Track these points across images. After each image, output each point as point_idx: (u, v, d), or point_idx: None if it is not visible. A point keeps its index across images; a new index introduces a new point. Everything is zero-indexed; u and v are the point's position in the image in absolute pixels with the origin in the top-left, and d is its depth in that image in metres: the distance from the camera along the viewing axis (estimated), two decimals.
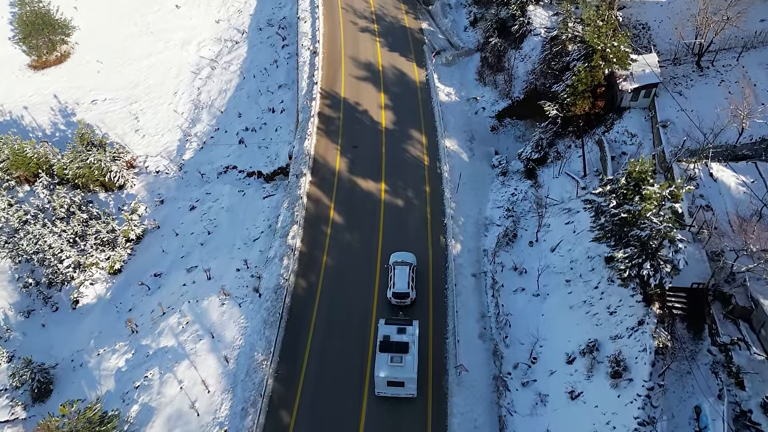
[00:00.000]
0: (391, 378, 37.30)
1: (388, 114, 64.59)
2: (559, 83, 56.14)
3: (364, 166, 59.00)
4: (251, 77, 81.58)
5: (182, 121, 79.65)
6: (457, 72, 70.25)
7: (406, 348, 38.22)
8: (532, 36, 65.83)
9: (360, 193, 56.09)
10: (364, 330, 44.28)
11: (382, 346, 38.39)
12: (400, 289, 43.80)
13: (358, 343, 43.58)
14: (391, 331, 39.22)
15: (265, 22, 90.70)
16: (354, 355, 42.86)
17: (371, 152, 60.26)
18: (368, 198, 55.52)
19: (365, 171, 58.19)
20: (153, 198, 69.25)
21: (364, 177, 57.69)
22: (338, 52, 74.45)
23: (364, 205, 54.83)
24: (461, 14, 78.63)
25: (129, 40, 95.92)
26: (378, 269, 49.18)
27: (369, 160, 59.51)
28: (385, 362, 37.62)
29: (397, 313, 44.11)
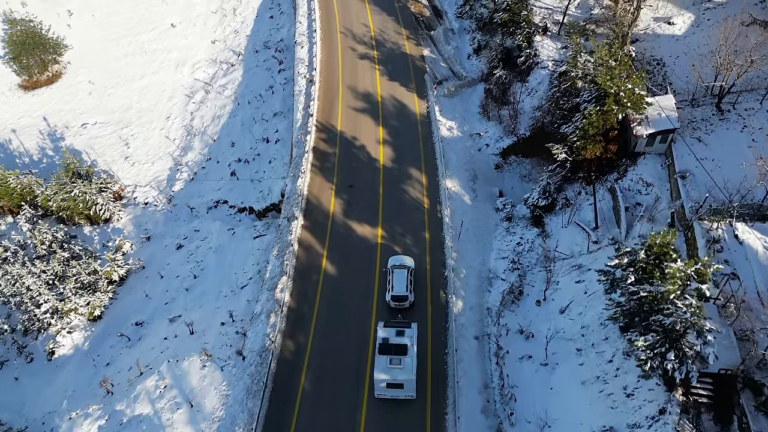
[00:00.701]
0: (390, 380, 36.87)
1: (387, 150, 60.16)
2: (568, 124, 51.64)
3: (360, 208, 54.60)
4: (246, 103, 77.27)
5: (174, 148, 75.39)
6: (460, 104, 65.77)
7: (405, 350, 37.70)
8: (539, 69, 61.34)
9: (355, 240, 51.67)
10: (355, 401, 39.84)
11: (381, 349, 37.90)
12: (398, 292, 43.23)
13: (347, 418, 39.13)
14: (390, 333, 38.75)
15: (261, 44, 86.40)
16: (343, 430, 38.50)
17: (368, 193, 55.82)
18: (364, 245, 51.11)
19: (361, 214, 53.78)
20: (139, 233, 64.96)
21: (360, 221, 53.27)
22: (336, 80, 70.02)
23: (359, 253, 50.41)
24: (464, 40, 74.12)
25: (122, 59, 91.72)
26: (372, 328, 44.73)
27: (365, 201, 55.10)
28: (384, 364, 37.14)
29: (396, 316, 43.61)
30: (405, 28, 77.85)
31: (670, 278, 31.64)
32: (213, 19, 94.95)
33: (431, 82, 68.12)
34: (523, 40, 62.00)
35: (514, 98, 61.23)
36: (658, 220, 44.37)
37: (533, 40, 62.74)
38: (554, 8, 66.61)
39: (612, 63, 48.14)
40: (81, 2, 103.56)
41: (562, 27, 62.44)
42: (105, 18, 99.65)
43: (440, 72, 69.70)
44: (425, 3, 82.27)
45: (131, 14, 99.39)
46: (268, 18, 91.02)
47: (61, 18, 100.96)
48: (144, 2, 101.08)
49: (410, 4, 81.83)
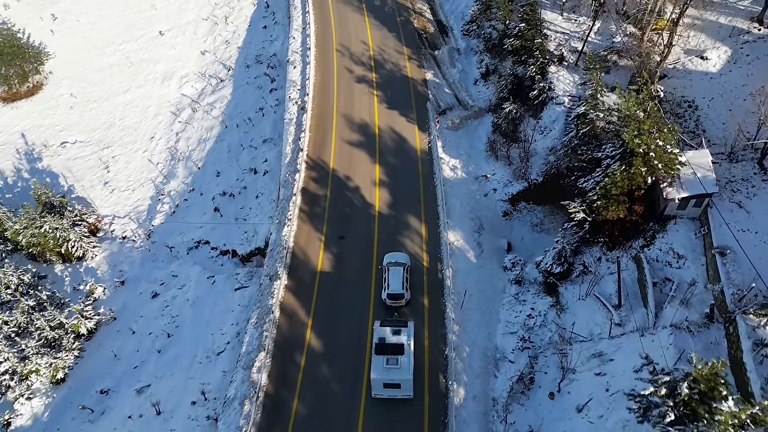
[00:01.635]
0: (387, 380, 35.95)
1: (383, 194, 53.07)
2: (586, 177, 44.44)
3: (352, 265, 47.72)
4: (234, 126, 70.10)
5: (156, 174, 68.47)
6: (465, 139, 58.46)
7: (401, 349, 36.76)
8: (553, 105, 53.91)
9: (345, 306, 44.88)
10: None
11: (378, 349, 36.94)
12: (394, 290, 41.97)
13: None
14: (387, 333, 37.61)
15: (253, 58, 78.92)
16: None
17: (361, 246, 48.91)
18: (354, 312, 44.35)
19: (352, 274, 46.94)
20: (114, 275, 58.35)
21: (351, 282, 46.46)
22: (330, 107, 62.70)
23: (349, 324, 43.66)
24: (471, 62, 66.52)
25: (107, 70, 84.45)
26: (361, 418, 38.16)
27: (358, 257, 48.21)
28: (381, 364, 36.25)
29: (392, 314, 42.15)
30: (407, 46, 70.25)
31: (721, 424, 24.83)
32: (203, 27, 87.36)
33: (434, 112, 60.80)
34: (537, 71, 54.48)
35: (525, 136, 53.91)
36: (692, 305, 37.40)
37: (547, 71, 55.21)
38: (571, 33, 58.95)
39: (640, 114, 40.74)
40: (67, 5, 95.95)
41: (580, 57, 54.80)
42: (90, 24, 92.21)
43: (444, 99, 62.28)
44: (429, 17, 74.54)
45: (118, 19, 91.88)
46: (261, 28, 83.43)
47: (45, 22, 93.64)
48: (132, 7, 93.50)
49: (413, 19, 74.13)
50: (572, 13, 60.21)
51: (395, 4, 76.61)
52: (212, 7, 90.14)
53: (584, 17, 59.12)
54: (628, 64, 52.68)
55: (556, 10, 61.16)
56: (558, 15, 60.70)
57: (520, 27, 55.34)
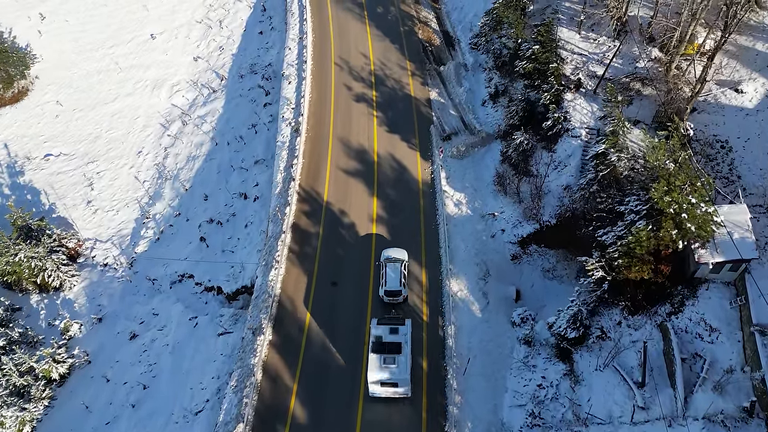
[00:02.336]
0: (384, 379, 35.15)
1: (381, 232, 47.81)
2: (606, 228, 38.99)
3: (344, 319, 42.61)
4: (225, 144, 64.67)
5: (142, 193, 63.30)
6: (471, 169, 52.91)
7: (399, 348, 36.01)
8: (569, 137, 48.25)
9: (335, 367, 39.87)
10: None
11: (375, 347, 36.00)
12: (391, 287, 40.78)
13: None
14: (384, 331, 36.68)
15: (248, 67, 73.17)
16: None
17: (354, 296, 43.81)
18: (345, 375, 39.29)
19: (344, 328, 41.91)
20: (92, 309, 53.57)
21: (342, 339, 41.39)
22: (326, 130, 57.15)
23: (338, 390, 38.63)
24: (479, 81, 60.66)
25: (95, 76, 78.89)
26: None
27: (350, 309, 43.12)
28: (377, 363, 35.37)
29: (389, 311, 40.90)
30: (410, 60, 64.36)
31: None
32: (197, 30, 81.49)
33: (437, 138, 55.20)
34: (551, 99, 48.68)
35: (537, 170, 48.36)
36: (728, 393, 32.23)
37: (563, 99, 49.45)
38: (590, 55, 53.03)
39: (670, 166, 35.13)
40: (55, 4, 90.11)
41: (600, 84, 48.96)
42: (80, 24, 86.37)
43: (449, 122, 56.59)
44: (435, 27, 68.50)
45: (108, 21, 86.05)
46: (257, 34, 77.53)
47: (32, 22, 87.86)
48: (124, 7, 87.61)
49: (418, 29, 68.14)
50: (591, 31, 54.20)
51: (399, 12, 70.58)
52: (206, 9, 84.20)
53: (604, 37, 53.09)
54: (653, 94, 46.84)
55: (573, 28, 55.17)
56: (575, 33, 54.73)
57: (533, 49, 49.43)
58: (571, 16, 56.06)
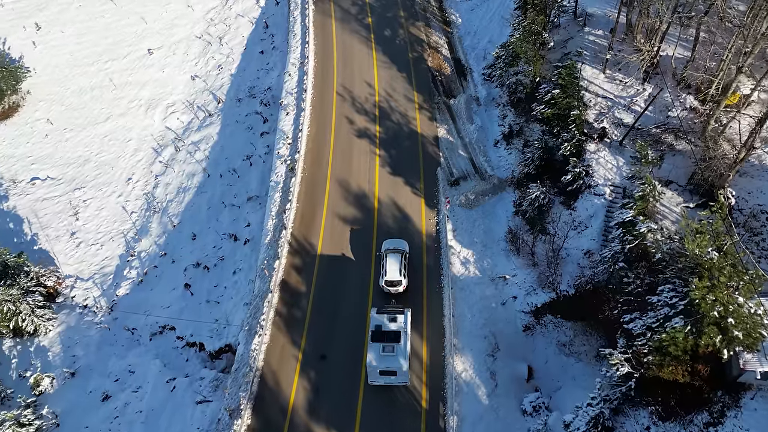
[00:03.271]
0: (383, 368, 34.81)
1: (379, 294, 41.96)
2: (633, 314, 33.05)
3: (332, 401, 37.11)
4: (217, 176, 59.13)
5: (129, 226, 58.04)
6: (481, 221, 47.00)
7: (398, 337, 35.65)
8: (591, 195, 42.22)
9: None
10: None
11: (374, 336, 35.68)
12: (392, 277, 39.97)
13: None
14: (383, 320, 36.40)
15: (246, 90, 67.48)
16: None
17: (346, 373, 38.24)
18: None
19: (332, 413, 36.31)
20: (66, 361, 48.46)
21: (329, 426, 35.69)
22: (323, 170, 51.42)
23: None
24: (492, 117, 54.62)
25: (88, 93, 73.54)
26: None
27: (340, 389, 37.56)
28: (377, 352, 35.01)
29: (389, 301, 40.10)
30: (418, 91, 58.36)
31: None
32: (196, 46, 75.79)
33: (445, 183, 49.33)
34: (571, 150, 42.60)
35: (554, 228, 42.34)
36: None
37: (585, 150, 43.33)
38: (616, 99, 46.81)
39: (713, 256, 29.07)
40: (53, 14, 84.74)
41: (627, 136, 42.80)
42: (75, 36, 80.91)
43: (458, 165, 50.68)
44: (446, 54, 62.39)
45: (105, 33, 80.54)
46: (258, 53, 71.77)
47: (27, 32, 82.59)
48: (121, 19, 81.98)
49: (428, 56, 62.05)
50: (617, 71, 47.94)
51: (408, 35, 64.51)
52: (207, 23, 78.42)
53: (632, 79, 46.83)
54: (687, 149, 40.65)
55: (597, 66, 48.95)
56: (599, 72, 48.53)
57: (553, 93, 43.31)
58: (596, 52, 49.81)
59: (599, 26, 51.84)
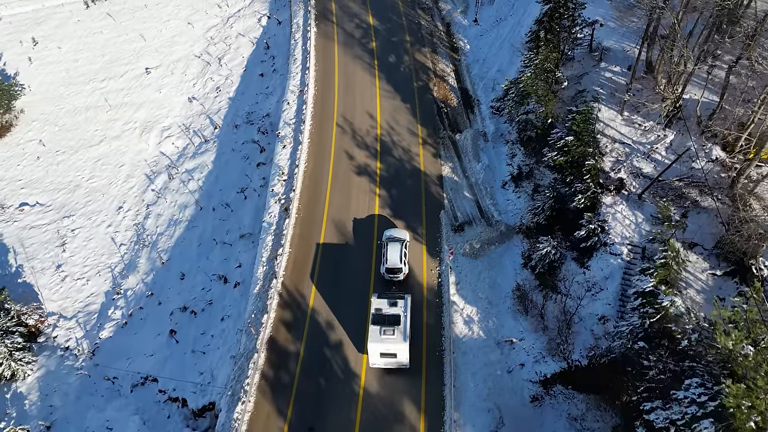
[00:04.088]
0: (383, 350, 35.00)
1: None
2: (655, 403, 28.86)
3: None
4: (209, 210, 55.31)
5: (116, 260, 54.40)
6: (487, 273, 42.90)
7: (398, 320, 35.79)
8: (607, 254, 37.98)
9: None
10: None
11: (375, 319, 35.83)
12: (392, 264, 40.15)
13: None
14: (383, 304, 36.67)
15: (244, 115, 63.63)
16: None
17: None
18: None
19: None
20: (42, 411, 44.91)
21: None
22: (320, 209, 47.48)
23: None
24: (500, 155, 50.49)
25: (83, 114, 70.02)
26: None
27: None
28: (377, 334, 35.12)
29: (390, 288, 40.34)
30: (422, 124, 54.27)
31: None
32: (194, 66, 72.02)
33: (448, 228, 45.25)
34: (586, 203, 38.39)
35: (566, 287, 38.17)
36: None
37: (600, 203, 39.09)
38: (634, 145, 42.56)
39: (749, 352, 24.87)
40: (50, 28, 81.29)
41: (647, 190, 38.53)
42: (72, 53, 77.41)
43: (463, 208, 46.57)
44: (453, 83, 58.25)
45: (103, 50, 76.96)
46: (257, 76, 67.90)
47: (24, 47, 79.18)
48: (120, 36, 78.41)
49: (433, 85, 57.94)
50: (635, 112, 43.64)
51: (413, 62, 60.41)
52: (207, 42, 74.59)
53: (652, 123, 42.54)
54: (713, 207, 36.35)
55: (614, 106, 44.71)
56: (616, 113, 44.26)
57: (566, 140, 39.09)
58: (613, 91, 45.53)
59: (616, 62, 47.55)
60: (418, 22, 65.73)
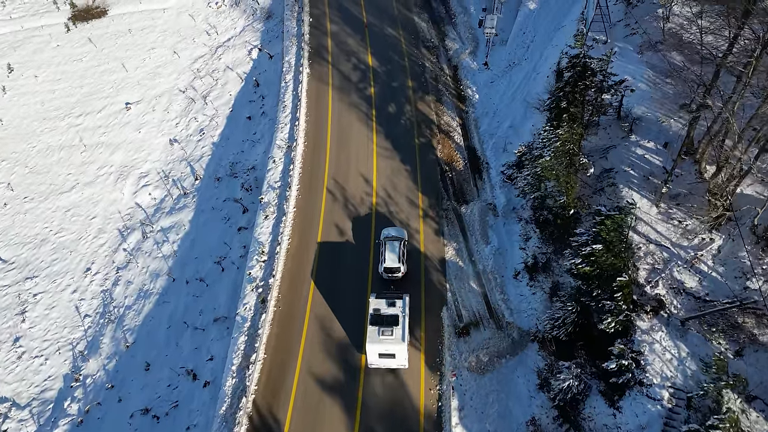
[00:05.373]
0: (382, 350, 33.90)
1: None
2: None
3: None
4: (183, 282, 47.92)
5: (79, 335, 47.27)
6: (496, 397, 35.27)
7: (396, 320, 34.65)
8: (643, 396, 30.25)
9: None
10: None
11: (373, 320, 34.64)
12: (391, 263, 38.96)
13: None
14: (382, 304, 35.44)
15: (227, 165, 55.96)
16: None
17: None
18: None
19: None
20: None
21: None
22: (302, 302, 39.93)
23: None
24: (512, 235, 42.64)
25: (56, 154, 62.55)
26: None
27: None
28: (375, 335, 33.96)
29: (388, 287, 38.75)
30: (424, 192, 46.44)
31: None
32: (178, 102, 64.19)
33: (451, 331, 37.59)
34: (616, 327, 30.55)
35: (591, 428, 30.32)
36: None
37: (634, 327, 31.21)
38: (674, 249, 34.57)
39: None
40: (27, 53, 73.56)
41: (695, 320, 30.60)
42: (49, 83, 69.66)
43: (468, 304, 38.90)
44: (458, 141, 50.34)
45: (81, 80, 69.16)
46: (245, 118, 60.06)
47: (0, 73, 71.28)
48: (100, 65, 70.51)
49: (437, 142, 50.05)
50: (675, 204, 35.63)
51: (415, 113, 52.46)
52: (193, 74, 66.63)
53: (696, 221, 34.53)
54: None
55: (648, 193, 36.75)
56: (651, 204, 36.28)
57: (594, 249, 31.19)
58: (647, 174, 37.54)
59: (650, 136, 39.53)
60: (422, 64, 57.59)
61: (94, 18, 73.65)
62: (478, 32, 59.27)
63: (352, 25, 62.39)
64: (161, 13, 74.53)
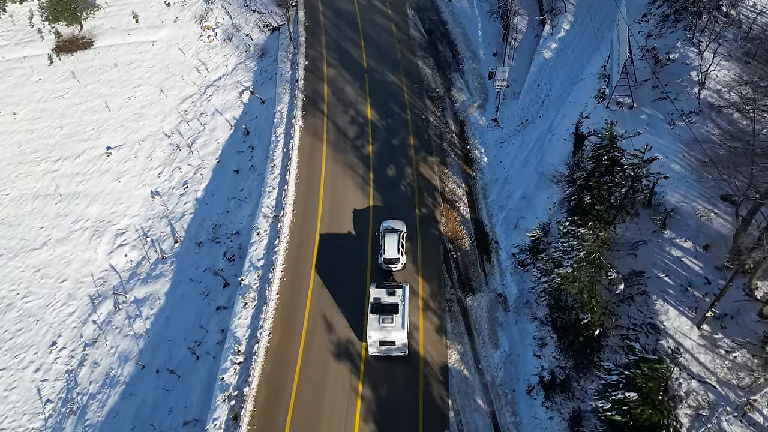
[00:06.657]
0: (382, 338, 34.10)
1: None
2: None
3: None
4: (153, 372, 41.88)
5: (38, 427, 41.78)
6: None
7: (396, 309, 34.75)
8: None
9: None
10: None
11: (373, 308, 34.80)
12: (390, 254, 38.55)
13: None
14: (382, 293, 35.62)
15: (210, 228, 49.81)
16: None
17: None
18: None
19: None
20: None
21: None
22: (280, 417, 33.47)
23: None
24: (525, 336, 36.24)
25: (29, 204, 56.71)
26: None
27: None
28: (376, 323, 34.13)
29: (388, 278, 38.71)
30: (425, 277, 40.07)
31: None
32: (162, 149, 58.13)
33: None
34: None
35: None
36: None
37: None
38: (720, 387, 28.08)
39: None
40: (9, 87, 67.77)
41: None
42: (28, 122, 63.72)
43: (474, 427, 32.40)
44: (464, 214, 44.00)
45: (61, 120, 63.29)
46: (232, 172, 53.94)
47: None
48: (83, 103, 64.53)
49: (440, 214, 43.65)
50: (720, 326, 29.08)
51: (417, 177, 46.18)
52: (179, 117, 60.47)
53: (745, 351, 27.98)
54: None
55: (687, 309, 30.20)
56: (690, 324, 29.73)
57: (627, 398, 24.74)
58: (684, 285, 31.06)
59: (686, 233, 33.03)
60: (426, 118, 51.16)
61: (80, 50, 67.48)
62: (487, 82, 52.76)
63: (350, 70, 55.98)
64: (150, 46, 68.25)
